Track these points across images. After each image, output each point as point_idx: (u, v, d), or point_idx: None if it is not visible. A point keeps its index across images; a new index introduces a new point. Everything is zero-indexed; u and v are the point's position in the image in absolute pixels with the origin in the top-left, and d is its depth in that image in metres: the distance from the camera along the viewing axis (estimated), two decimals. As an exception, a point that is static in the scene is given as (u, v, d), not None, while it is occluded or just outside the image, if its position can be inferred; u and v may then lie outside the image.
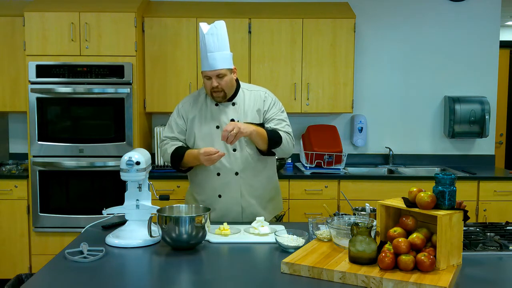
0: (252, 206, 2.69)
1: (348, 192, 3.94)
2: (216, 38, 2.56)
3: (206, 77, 2.60)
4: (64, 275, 1.90)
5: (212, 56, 2.55)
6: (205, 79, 2.61)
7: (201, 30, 2.58)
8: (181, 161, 2.64)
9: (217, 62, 2.55)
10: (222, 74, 2.57)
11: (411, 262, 1.80)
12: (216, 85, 2.57)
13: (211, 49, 2.56)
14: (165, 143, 2.74)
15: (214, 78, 2.57)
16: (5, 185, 4.12)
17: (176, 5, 4.52)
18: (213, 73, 2.56)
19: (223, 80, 2.58)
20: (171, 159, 2.67)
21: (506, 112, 6.55)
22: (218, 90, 2.59)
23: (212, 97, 2.64)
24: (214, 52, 2.56)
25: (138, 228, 2.28)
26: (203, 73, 2.61)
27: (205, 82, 2.61)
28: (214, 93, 2.60)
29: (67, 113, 4.11)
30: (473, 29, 4.70)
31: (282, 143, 2.62)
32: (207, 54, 2.55)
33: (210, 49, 2.55)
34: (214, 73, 2.56)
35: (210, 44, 2.55)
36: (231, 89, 2.65)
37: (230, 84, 2.62)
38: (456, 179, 1.95)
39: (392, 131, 4.78)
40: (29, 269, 4.14)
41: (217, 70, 2.56)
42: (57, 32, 4.03)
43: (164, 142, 2.75)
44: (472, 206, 4.12)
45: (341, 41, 4.32)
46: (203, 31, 2.57)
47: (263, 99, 2.71)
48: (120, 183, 2.67)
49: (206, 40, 2.55)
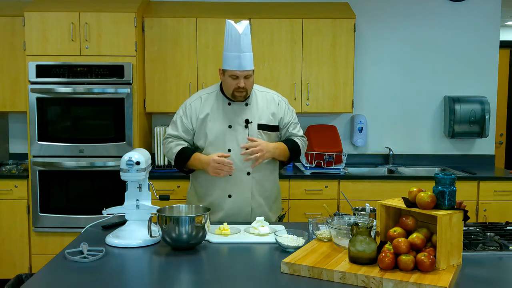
0: (261, 206, 2.71)
1: (348, 192, 3.95)
2: (248, 38, 2.57)
3: (233, 76, 2.58)
4: (64, 275, 1.90)
5: (245, 56, 2.56)
6: (231, 78, 2.59)
7: (233, 29, 2.55)
8: (186, 162, 2.64)
9: (248, 62, 2.57)
10: (250, 75, 2.59)
11: (411, 262, 1.80)
12: (243, 85, 2.57)
13: (244, 49, 2.55)
14: (170, 141, 2.72)
15: (242, 78, 2.57)
16: (5, 185, 4.12)
17: (176, 5, 4.52)
18: (242, 73, 2.57)
19: (249, 81, 2.60)
20: (176, 160, 2.66)
21: (506, 112, 6.55)
22: (243, 90, 2.60)
23: (233, 96, 2.64)
24: (246, 52, 2.56)
25: (138, 228, 2.28)
26: (229, 72, 2.58)
27: (229, 81, 2.60)
28: (237, 92, 2.60)
29: (67, 113, 4.11)
30: (473, 29, 4.70)
31: (301, 152, 2.77)
32: (240, 54, 2.54)
33: (243, 49, 2.55)
34: (243, 74, 2.57)
35: (244, 45, 2.55)
36: (251, 89, 2.68)
37: (252, 84, 2.66)
38: (456, 179, 1.95)
39: (392, 131, 4.78)
40: (29, 269, 4.14)
41: (247, 71, 2.57)
42: (57, 32, 4.03)
43: (168, 140, 2.73)
44: (472, 206, 4.12)
45: (341, 41, 4.32)
46: (237, 30, 2.54)
47: (277, 103, 2.75)
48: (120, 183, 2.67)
49: (241, 40, 2.54)
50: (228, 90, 2.64)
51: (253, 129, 2.66)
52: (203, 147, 2.68)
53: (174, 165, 2.71)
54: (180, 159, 2.65)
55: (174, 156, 2.66)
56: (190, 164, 2.64)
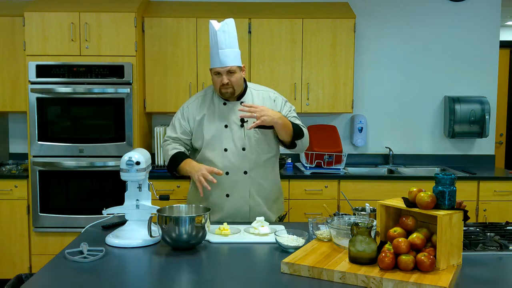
0: (260, 206, 2.70)
1: (348, 192, 3.94)
2: (227, 35, 2.58)
3: (216, 74, 2.60)
4: (64, 275, 1.90)
5: (223, 53, 2.57)
6: (215, 76, 2.61)
7: (212, 27, 2.59)
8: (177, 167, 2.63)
9: (228, 59, 2.58)
10: (233, 70, 2.59)
11: (411, 262, 1.80)
12: (227, 81, 2.58)
13: (222, 46, 2.57)
14: (168, 143, 2.73)
15: (224, 74, 2.58)
16: (5, 185, 4.12)
17: (176, 5, 4.52)
18: (224, 69, 2.57)
19: (233, 77, 2.60)
20: (168, 164, 2.67)
21: (506, 112, 6.55)
22: (228, 87, 2.60)
23: (221, 94, 2.65)
24: (225, 49, 2.57)
25: (138, 228, 2.28)
26: (212, 70, 2.62)
27: (215, 79, 2.62)
28: (223, 89, 2.61)
29: (67, 113, 4.11)
30: (473, 29, 4.70)
31: (304, 135, 2.69)
32: (219, 51, 2.57)
33: (221, 46, 2.57)
34: (225, 70, 2.58)
35: (222, 41, 2.57)
36: (240, 86, 2.67)
37: (240, 81, 2.65)
38: (456, 179, 1.95)
39: (392, 131, 4.78)
40: (29, 269, 4.14)
41: (228, 67, 2.58)
42: (57, 32, 4.03)
43: (166, 142, 2.75)
44: (472, 206, 4.12)
45: (341, 41, 4.32)
46: (214, 28, 2.58)
47: (273, 99, 2.74)
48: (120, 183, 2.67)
49: (218, 37, 2.56)
50: (216, 88, 2.66)
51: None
52: (201, 148, 2.69)
53: (167, 169, 2.70)
54: (172, 162, 2.65)
55: (168, 158, 2.67)
56: (181, 168, 2.62)
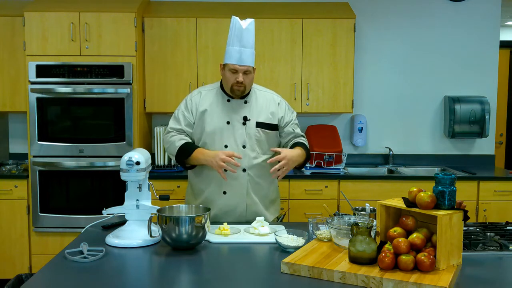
0: (256, 205, 2.70)
1: (348, 192, 3.94)
2: (251, 35, 2.63)
3: (233, 70, 2.61)
4: (64, 275, 1.90)
5: (246, 51, 2.60)
6: (229, 72, 2.62)
7: (238, 24, 2.60)
8: (188, 156, 2.63)
9: (249, 58, 2.61)
10: (249, 71, 2.62)
11: (411, 262, 1.80)
12: (242, 80, 2.60)
13: (246, 44, 2.60)
14: (172, 134, 2.71)
15: (241, 73, 2.60)
16: (5, 185, 4.12)
17: (176, 5, 4.52)
18: (242, 68, 2.60)
19: (248, 77, 2.63)
20: (178, 153, 2.65)
21: (506, 112, 6.55)
22: (242, 85, 2.62)
23: (232, 91, 2.65)
24: (247, 48, 2.61)
25: (138, 228, 2.28)
26: (228, 66, 2.61)
27: (228, 75, 2.62)
28: (236, 86, 2.62)
29: (67, 113, 4.11)
30: (473, 29, 4.70)
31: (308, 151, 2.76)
32: (241, 48, 2.59)
33: (245, 44, 2.60)
34: (243, 68, 2.60)
35: (247, 40, 2.61)
36: (250, 87, 2.70)
37: (252, 82, 2.69)
38: (456, 179, 1.95)
39: (392, 131, 4.78)
40: (29, 269, 4.14)
41: (246, 66, 2.60)
42: (57, 32, 4.03)
43: (170, 134, 2.72)
44: (472, 206, 4.12)
45: (341, 41, 4.32)
46: (241, 25, 2.60)
47: (277, 102, 2.77)
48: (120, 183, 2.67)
49: (243, 35, 2.59)
50: (227, 85, 2.66)
51: (251, 127, 2.66)
52: (199, 141, 2.68)
53: (175, 159, 2.69)
54: (182, 152, 2.63)
55: (177, 149, 2.64)
56: (192, 157, 2.62)
